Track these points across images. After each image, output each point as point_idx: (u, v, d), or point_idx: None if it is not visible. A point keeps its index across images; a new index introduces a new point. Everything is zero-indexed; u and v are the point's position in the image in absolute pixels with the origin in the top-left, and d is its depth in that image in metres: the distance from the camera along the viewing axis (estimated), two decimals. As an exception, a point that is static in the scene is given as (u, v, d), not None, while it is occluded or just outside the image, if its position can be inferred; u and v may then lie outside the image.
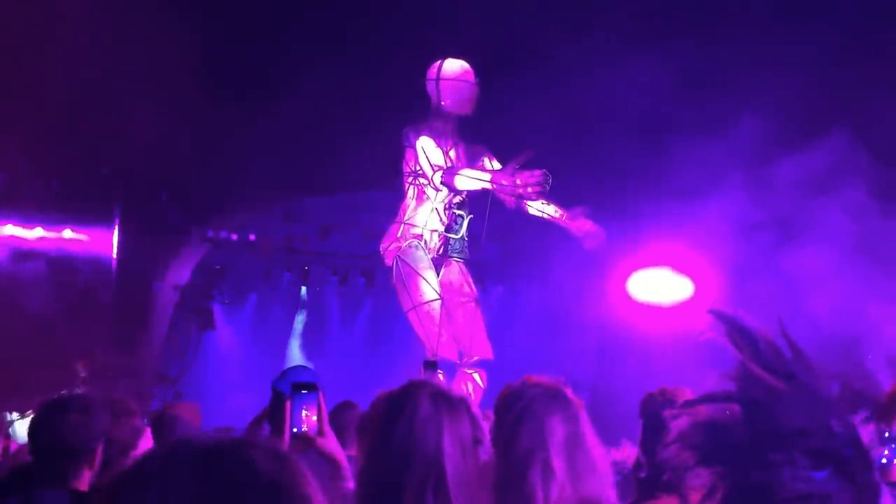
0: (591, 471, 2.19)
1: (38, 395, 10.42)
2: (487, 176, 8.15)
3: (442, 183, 8.38)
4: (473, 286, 8.85)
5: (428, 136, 8.52)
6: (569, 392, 2.36)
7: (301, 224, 14.00)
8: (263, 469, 1.10)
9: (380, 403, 2.13)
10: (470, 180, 8.25)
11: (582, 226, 8.47)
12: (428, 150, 8.46)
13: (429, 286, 8.39)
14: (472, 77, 8.78)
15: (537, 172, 7.79)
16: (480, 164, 8.85)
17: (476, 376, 8.44)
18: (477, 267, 9.60)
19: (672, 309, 12.95)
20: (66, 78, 11.01)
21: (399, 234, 8.64)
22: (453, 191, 8.46)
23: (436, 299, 8.36)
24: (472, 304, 8.72)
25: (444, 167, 8.36)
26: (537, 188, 7.82)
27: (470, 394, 8.03)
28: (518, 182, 7.82)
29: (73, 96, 11.02)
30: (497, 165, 8.81)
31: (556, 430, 2.18)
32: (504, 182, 7.95)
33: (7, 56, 10.70)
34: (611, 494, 2.23)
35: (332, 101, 11.37)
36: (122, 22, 10.88)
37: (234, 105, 11.31)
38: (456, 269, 8.81)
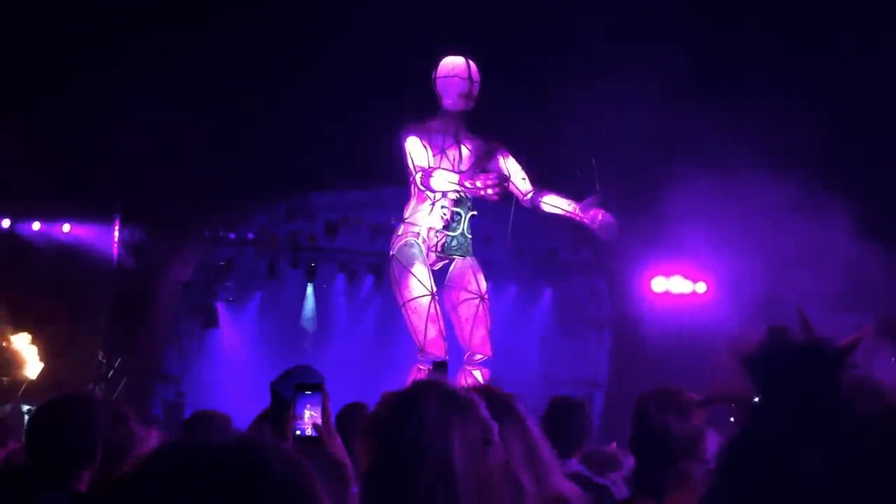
0: (549, 472, 2.18)
1: (38, 392, 10.42)
2: (456, 177, 8.35)
3: (421, 183, 8.58)
4: (481, 283, 8.95)
5: (415, 136, 8.68)
6: (509, 397, 2.32)
7: (307, 220, 13.93)
8: (276, 471, 1.08)
9: (387, 404, 2.04)
10: (443, 182, 8.46)
11: (595, 216, 8.50)
12: (413, 152, 8.63)
13: (418, 282, 8.56)
14: (463, 72, 8.86)
15: (492, 175, 8.09)
16: (495, 161, 8.96)
17: (477, 374, 8.63)
18: (490, 266, 9.69)
19: (687, 307, 12.95)
20: (67, 73, 10.97)
21: (401, 233, 8.84)
22: (431, 191, 8.63)
23: (424, 295, 8.54)
24: (476, 301, 8.84)
25: (425, 168, 8.51)
26: (496, 189, 8.07)
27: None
28: (478, 185, 8.07)
29: (75, 91, 10.98)
30: (512, 164, 8.96)
31: (516, 446, 2.16)
32: (468, 184, 8.20)
33: (8, 51, 10.66)
34: (573, 489, 2.24)
35: (338, 96, 11.33)
36: (123, 20, 10.85)
37: (237, 99, 11.27)
38: (464, 266, 8.92)
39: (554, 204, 8.80)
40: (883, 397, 1.15)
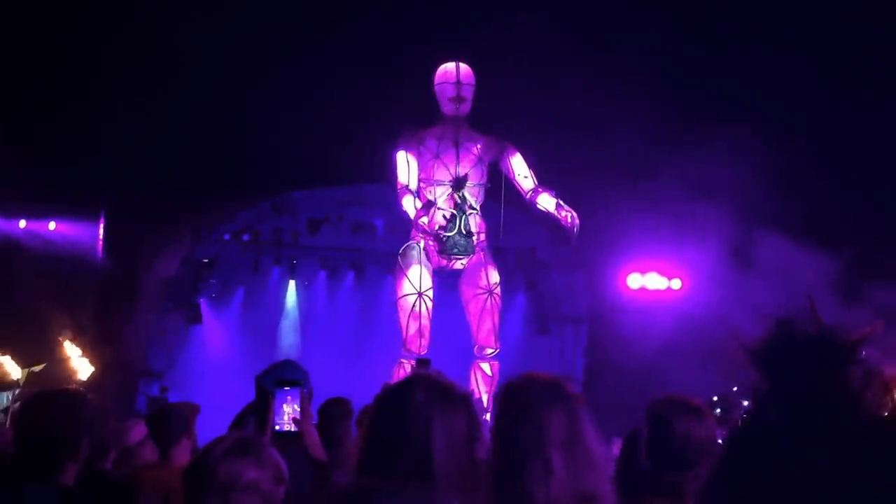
0: (590, 466, 2.10)
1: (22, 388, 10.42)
2: (412, 212, 8.90)
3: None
4: (491, 278, 9.39)
5: (404, 149, 9.15)
6: (569, 387, 2.26)
7: (290, 217, 13.94)
8: None
9: (378, 396, 2.12)
10: (408, 207, 8.99)
11: (565, 219, 8.97)
12: (397, 167, 9.13)
13: (408, 282, 9.09)
14: (452, 76, 9.11)
15: (420, 212, 8.77)
16: (504, 160, 9.39)
17: (486, 367, 9.17)
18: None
19: (663, 303, 13.02)
20: (53, 70, 10.94)
21: (411, 236, 9.42)
22: (402, 212, 9.15)
23: (411, 294, 9.06)
24: (484, 296, 9.33)
25: (400, 187, 9.05)
26: (429, 224, 8.83)
27: (477, 383, 8.79)
28: (421, 222, 8.84)
29: (61, 88, 10.95)
30: (517, 161, 9.38)
31: (556, 427, 2.09)
32: (416, 220, 8.87)
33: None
34: (608, 489, 2.16)
35: (322, 94, 11.33)
36: (112, 21, 10.84)
37: (222, 97, 11.25)
38: (477, 263, 9.36)
39: (544, 205, 9.22)
40: (891, 390, 1.11)
